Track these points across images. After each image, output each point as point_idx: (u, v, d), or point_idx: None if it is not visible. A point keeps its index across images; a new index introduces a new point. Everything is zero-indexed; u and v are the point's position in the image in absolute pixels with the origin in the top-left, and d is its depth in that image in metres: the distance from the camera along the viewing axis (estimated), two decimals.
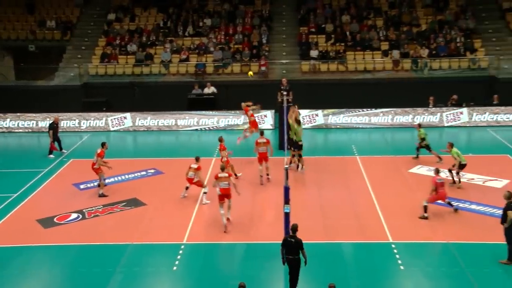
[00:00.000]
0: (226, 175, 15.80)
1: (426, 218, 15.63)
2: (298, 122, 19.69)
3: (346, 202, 17.21)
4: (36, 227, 16.02)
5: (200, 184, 17.40)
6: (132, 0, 33.61)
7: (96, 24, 32.66)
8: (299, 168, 19.76)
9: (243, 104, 22.12)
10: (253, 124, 21.76)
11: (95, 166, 18.12)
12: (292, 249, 11.92)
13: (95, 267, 13.74)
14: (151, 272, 13.52)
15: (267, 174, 18.99)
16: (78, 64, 29.93)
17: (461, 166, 18.07)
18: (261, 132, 19.56)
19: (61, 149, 22.97)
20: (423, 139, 20.50)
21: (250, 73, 20.05)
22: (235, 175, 18.68)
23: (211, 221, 16.11)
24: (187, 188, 17.67)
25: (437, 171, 16.18)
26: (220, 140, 19.13)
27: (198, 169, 17.33)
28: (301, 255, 11.97)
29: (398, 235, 14.85)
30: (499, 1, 31.79)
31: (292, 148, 19.61)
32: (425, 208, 15.74)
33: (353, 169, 20.06)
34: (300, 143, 19.50)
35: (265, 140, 19.05)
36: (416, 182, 18.61)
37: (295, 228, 12.07)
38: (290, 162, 19.62)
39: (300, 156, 19.72)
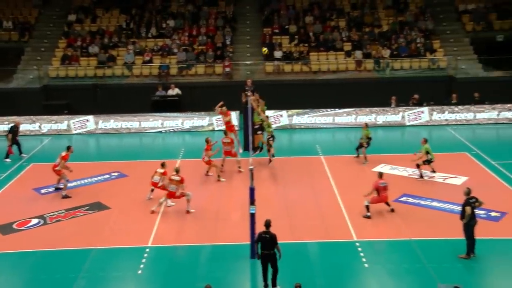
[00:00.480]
0: (178, 179, 16.29)
1: (369, 217, 15.85)
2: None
3: (311, 202, 17.35)
4: None
5: (163, 188, 17.16)
6: (93, 1, 33.10)
7: (56, 25, 32.03)
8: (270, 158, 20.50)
9: (217, 108, 22.25)
10: (230, 128, 21.90)
11: (56, 168, 17.80)
12: (267, 244, 12.22)
13: (57, 273, 13.45)
14: (115, 277, 13.34)
15: (239, 167, 19.91)
16: (37, 66, 29.30)
17: (427, 162, 18.52)
18: (225, 132, 20.58)
19: (20, 153, 22.44)
20: (370, 138, 20.58)
21: (265, 49, 22.43)
22: (218, 177, 19.03)
23: (177, 224, 16.00)
24: (152, 190, 17.52)
25: (380, 175, 16.35)
26: (207, 141, 19.37)
27: (164, 174, 17.18)
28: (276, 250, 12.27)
29: (362, 233, 15.05)
30: (455, 3, 32.63)
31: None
32: (368, 208, 15.92)
33: (317, 169, 20.24)
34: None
35: (229, 140, 19.97)
36: None
37: (268, 224, 12.37)
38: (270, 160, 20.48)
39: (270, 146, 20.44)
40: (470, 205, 13.32)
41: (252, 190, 13.69)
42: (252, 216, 13.61)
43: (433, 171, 19.05)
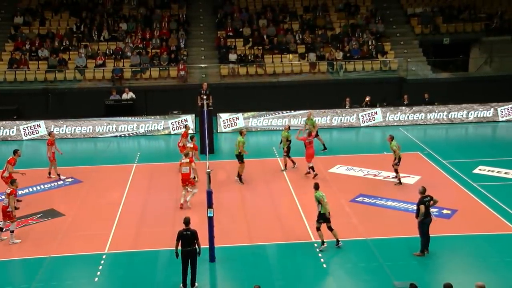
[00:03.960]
0: (188, 160, 16.85)
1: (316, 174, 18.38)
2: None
3: (269, 204, 17.43)
4: None
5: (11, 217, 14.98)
6: (40, 3, 32.23)
7: (1, 28, 31.00)
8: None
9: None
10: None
11: (4, 175, 17.08)
12: (188, 241, 12.45)
13: (7, 285, 13.01)
14: (70, 285, 13.03)
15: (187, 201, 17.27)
16: None
17: (399, 160, 18.59)
18: (186, 154, 17.52)
19: None
20: (289, 141, 20.24)
21: None
22: (194, 178, 17.29)
23: (133, 229, 15.77)
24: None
25: (309, 134, 19.41)
26: (192, 138, 19.32)
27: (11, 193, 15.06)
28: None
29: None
30: (404, 7, 33.51)
31: None
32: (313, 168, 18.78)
33: (274, 171, 20.35)
34: None
35: (188, 160, 17.17)
36: (335, 182, 19.17)
37: (188, 221, 12.60)
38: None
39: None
40: (424, 204, 13.67)
41: (209, 194, 13.65)
42: (210, 219, 13.57)
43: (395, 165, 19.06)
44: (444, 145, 23.77)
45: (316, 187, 14.38)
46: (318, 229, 14.30)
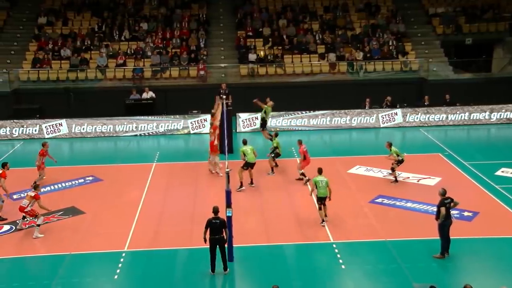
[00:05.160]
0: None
1: (308, 180, 17.77)
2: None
3: (287, 204, 17.39)
4: None
5: (32, 214, 15.53)
6: (63, 3, 32.64)
7: (26, 28, 31.47)
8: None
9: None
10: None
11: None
12: (217, 229, 12.91)
13: (30, 280, 13.21)
14: (90, 282, 13.17)
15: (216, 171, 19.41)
16: (7, 70, 28.72)
17: (400, 162, 18.79)
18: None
19: None
20: (276, 147, 20.14)
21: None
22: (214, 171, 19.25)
23: (152, 228, 15.87)
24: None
25: (300, 142, 19.19)
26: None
27: (35, 197, 15.59)
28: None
29: (339, 235, 15.15)
30: (426, 6, 33.18)
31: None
32: (304, 174, 18.67)
33: (293, 171, 20.30)
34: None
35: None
36: (354, 182, 19.07)
37: (217, 210, 13.06)
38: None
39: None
40: (445, 206, 13.52)
41: (228, 193, 13.67)
42: (229, 219, 13.59)
43: (393, 170, 19.00)
44: (465, 147, 23.49)
45: (319, 171, 15.98)
46: (319, 208, 15.78)
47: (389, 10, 32.70)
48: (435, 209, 14.09)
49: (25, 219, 15.78)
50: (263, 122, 22.63)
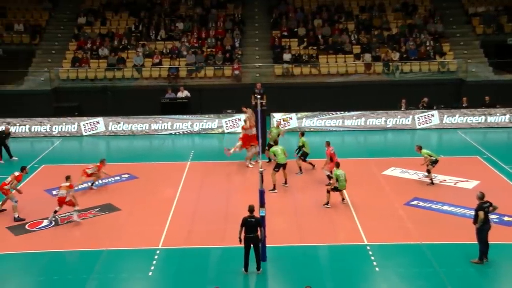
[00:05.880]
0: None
1: (330, 182, 17.41)
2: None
3: (320, 204, 17.27)
4: (6, 235, 15.70)
5: (71, 204, 16.26)
6: (102, 4, 33.27)
7: (66, 28, 32.21)
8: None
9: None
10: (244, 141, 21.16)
11: (5, 187, 16.76)
12: (252, 228, 12.93)
13: (69, 274, 13.53)
14: (126, 278, 13.38)
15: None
16: (48, 69, 29.47)
17: (434, 163, 18.43)
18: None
19: (10, 156, 22.39)
20: (302, 146, 20.05)
21: None
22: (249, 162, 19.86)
23: (187, 226, 16.02)
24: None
25: (328, 144, 18.88)
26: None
27: (70, 187, 16.31)
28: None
29: (373, 237, 15.00)
30: (465, 6, 32.52)
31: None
32: (329, 177, 18.13)
33: (322, 171, 20.14)
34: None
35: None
36: (389, 184, 18.84)
37: (252, 209, 13.09)
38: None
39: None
40: (483, 210, 13.22)
41: (262, 193, 13.70)
42: (263, 218, 13.61)
43: (428, 172, 18.75)
44: (505, 150, 22.92)
45: (337, 165, 16.97)
46: (328, 191, 16.77)
47: (426, 10, 32.19)
48: (472, 213, 13.82)
49: (76, 211, 16.27)
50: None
